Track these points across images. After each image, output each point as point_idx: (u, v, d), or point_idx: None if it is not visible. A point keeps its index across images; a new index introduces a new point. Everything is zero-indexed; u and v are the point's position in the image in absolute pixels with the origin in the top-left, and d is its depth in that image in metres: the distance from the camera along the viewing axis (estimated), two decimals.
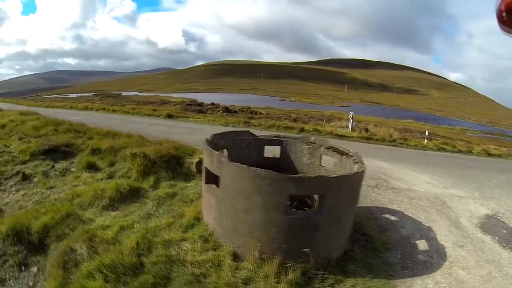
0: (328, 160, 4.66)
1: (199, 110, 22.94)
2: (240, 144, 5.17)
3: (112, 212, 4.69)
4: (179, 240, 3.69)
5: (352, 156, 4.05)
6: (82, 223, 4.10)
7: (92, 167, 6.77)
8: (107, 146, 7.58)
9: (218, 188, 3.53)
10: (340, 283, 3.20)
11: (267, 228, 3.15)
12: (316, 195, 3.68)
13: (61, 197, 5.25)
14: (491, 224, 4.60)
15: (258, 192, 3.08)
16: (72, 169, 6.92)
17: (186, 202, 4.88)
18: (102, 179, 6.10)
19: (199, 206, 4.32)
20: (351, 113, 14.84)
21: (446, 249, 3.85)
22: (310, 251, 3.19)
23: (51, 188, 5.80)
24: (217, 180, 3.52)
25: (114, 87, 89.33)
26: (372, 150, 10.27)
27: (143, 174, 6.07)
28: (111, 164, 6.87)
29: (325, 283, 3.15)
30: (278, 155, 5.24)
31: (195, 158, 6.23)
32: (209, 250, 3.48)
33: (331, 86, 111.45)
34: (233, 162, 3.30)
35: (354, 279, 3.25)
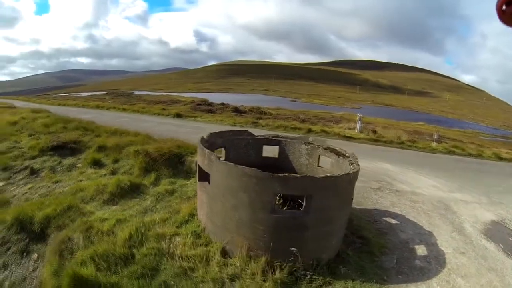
0: (327, 161, 4.77)
1: (209, 110, 23.35)
2: (238, 143, 5.35)
3: (112, 207, 4.98)
4: (172, 234, 3.91)
5: (348, 157, 4.14)
6: (82, 215, 4.41)
7: (97, 164, 7.16)
8: (112, 144, 8.01)
9: (209, 185, 3.72)
10: (329, 285, 3.27)
11: (254, 226, 3.30)
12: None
13: (65, 191, 5.61)
14: (497, 231, 4.55)
15: (244, 190, 3.23)
16: (78, 165, 7.33)
17: (184, 199, 5.11)
18: (106, 175, 6.45)
19: (195, 203, 4.53)
20: (359, 114, 14.95)
21: (446, 255, 3.85)
22: (298, 251, 3.29)
23: (57, 182, 6.19)
24: (208, 178, 3.71)
25: (126, 86, 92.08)
26: (379, 152, 10.31)
27: (144, 171, 6.38)
28: (115, 161, 7.24)
29: (312, 285, 3.23)
30: (277, 155, 5.40)
31: (196, 157, 6.49)
32: (199, 246, 3.67)
33: (342, 87, 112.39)
34: (221, 160, 3.47)
35: (344, 282, 3.31)
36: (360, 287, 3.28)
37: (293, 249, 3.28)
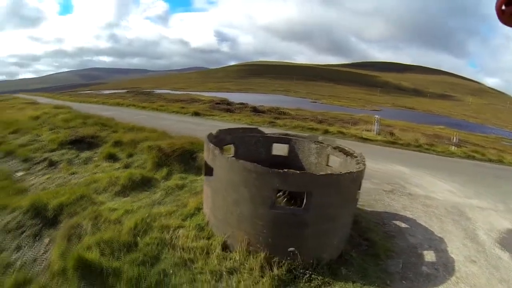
0: (336, 160, 4.80)
1: (227, 109, 23.77)
2: (248, 140, 5.48)
3: (123, 198, 5.25)
4: (177, 227, 4.08)
5: (356, 157, 4.16)
6: (93, 205, 4.70)
7: (112, 157, 7.53)
8: (128, 139, 8.41)
9: (213, 179, 3.87)
10: (328, 285, 3.28)
11: (254, 221, 3.39)
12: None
13: (80, 182, 5.95)
14: None
15: (245, 184, 3.34)
16: (94, 158, 7.73)
17: (193, 193, 5.29)
18: (119, 168, 6.78)
19: (202, 197, 4.70)
20: (377, 116, 14.93)
21: (456, 263, 3.78)
22: (298, 248, 3.34)
23: (73, 174, 6.58)
24: (212, 172, 3.86)
25: (146, 85, 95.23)
26: (395, 154, 10.25)
27: (157, 166, 6.65)
28: (130, 156, 7.58)
29: (311, 284, 3.26)
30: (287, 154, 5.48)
31: None
32: (202, 239, 3.81)
33: (363, 89, 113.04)
34: (223, 155, 3.61)
35: (344, 283, 3.31)
36: None
37: (291, 249, 3.34)
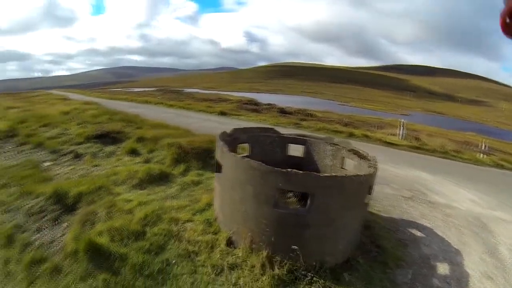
0: (350, 163, 4.80)
1: (254, 109, 24.09)
2: (264, 140, 5.62)
3: (139, 191, 5.57)
4: (186, 220, 4.31)
5: (369, 160, 4.16)
6: (110, 195, 5.06)
7: (133, 152, 7.98)
8: (151, 136, 8.86)
9: (221, 176, 4.05)
10: None
11: (257, 219, 3.51)
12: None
13: (101, 173, 6.39)
14: None
15: (250, 183, 3.46)
16: (117, 152, 8.23)
17: (207, 190, 5.51)
18: (139, 162, 7.17)
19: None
20: (402, 120, 14.73)
21: (470, 278, 3.65)
22: (299, 250, 3.40)
23: (96, 166, 7.07)
24: (221, 169, 4.04)
25: (176, 84, 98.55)
26: (419, 160, 10.01)
27: (175, 162, 6.97)
28: (151, 151, 7.99)
29: (311, 286, 3.29)
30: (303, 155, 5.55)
31: None
32: (208, 233, 4.00)
33: (392, 93, 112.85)
34: (231, 152, 3.75)
35: None
36: None
37: (294, 247, 3.43)
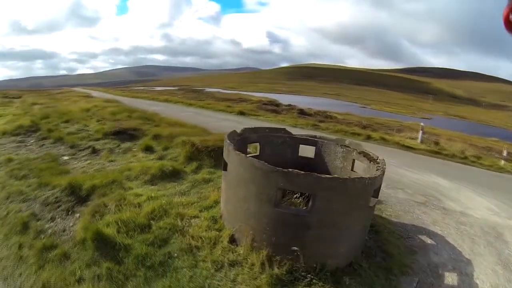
0: (361, 166, 4.75)
1: (274, 110, 24.16)
2: (274, 140, 5.67)
3: (151, 186, 5.78)
4: (192, 216, 4.44)
5: (378, 163, 4.10)
6: (122, 189, 5.30)
7: (149, 149, 8.25)
8: (167, 133, 9.13)
9: (227, 174, 4.14)
10: None
11: (259, 217, 3.57)
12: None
13: (115, 168, 6.68)
14: None
15: (253, 181, 3.53)
16: (134, 149, 8.56)
17: (217, 187, 5.63)
18: (153, 159, 7.43)
19: None
20: (422, 123, 14.46)
21: None
22: (300, 251, 3.42)
23: (111, 161, 7.39)
24: (227, 167, 4.13)
25: (198, 83, 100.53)
26: (436, 165, 9.77)
27: (188, 160, 7.15)
28: (165, 149, 8.24)
29: None
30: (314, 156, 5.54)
31: None
32: (213, 230, 4.10)
33: (414, 96, 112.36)
34: (236, 151, 3.83)
35: None
36: None
37: (294, 248, 3.44)
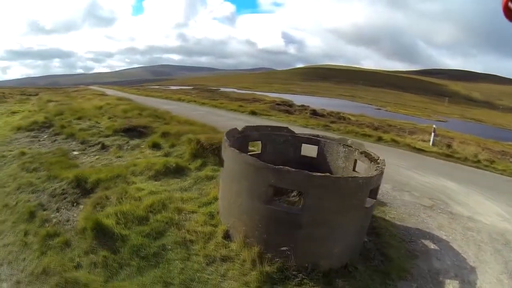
0: (362, 166, 4.78)
1: (286, 110, 24.23)
2: (276, 139, 5.77)
3: (154, 182, 6.00)
4: (190, 211, 4.62)
5: (378, 164, 4.15)
6: (125, 183, 5.55)
7: (156, 146, 8.52)
8: (174, 131, 9.38)
9: (223, 170, 4.29)
10: None
11: (251, 214, 3.68)
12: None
13: (122, 164, 6.97)
14: None
15: (246, 177, 3.65)
16: (142, 146, 8.86)
17: (219, 185, 5.81)
18: (159, 156, 7.68)
19: None
20: (434, 126, 14.33)
21: None
22: (291, 249, 3.49)
23: (119, 157, 7.70)
24: (223, 163, 4.28)
25: (213, 83, 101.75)
26: (447, 168, 9.63)
27: (193, 157, 7.34)
28: (172, 146, 8.48)
29: None
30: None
31: None
32: (209, 225, 4.26)
33: (430, 98, 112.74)
34: (230, 147, 3.95)
35: None
36: None
37: (283, 248, 3.51)
